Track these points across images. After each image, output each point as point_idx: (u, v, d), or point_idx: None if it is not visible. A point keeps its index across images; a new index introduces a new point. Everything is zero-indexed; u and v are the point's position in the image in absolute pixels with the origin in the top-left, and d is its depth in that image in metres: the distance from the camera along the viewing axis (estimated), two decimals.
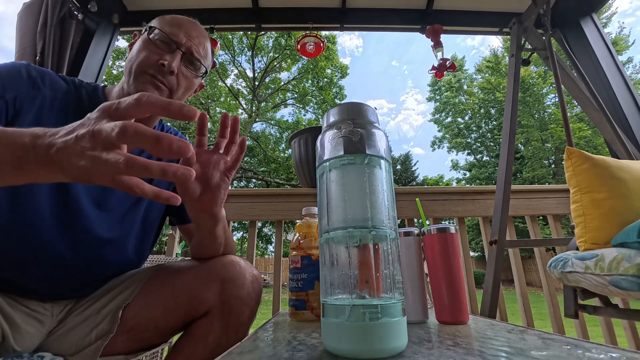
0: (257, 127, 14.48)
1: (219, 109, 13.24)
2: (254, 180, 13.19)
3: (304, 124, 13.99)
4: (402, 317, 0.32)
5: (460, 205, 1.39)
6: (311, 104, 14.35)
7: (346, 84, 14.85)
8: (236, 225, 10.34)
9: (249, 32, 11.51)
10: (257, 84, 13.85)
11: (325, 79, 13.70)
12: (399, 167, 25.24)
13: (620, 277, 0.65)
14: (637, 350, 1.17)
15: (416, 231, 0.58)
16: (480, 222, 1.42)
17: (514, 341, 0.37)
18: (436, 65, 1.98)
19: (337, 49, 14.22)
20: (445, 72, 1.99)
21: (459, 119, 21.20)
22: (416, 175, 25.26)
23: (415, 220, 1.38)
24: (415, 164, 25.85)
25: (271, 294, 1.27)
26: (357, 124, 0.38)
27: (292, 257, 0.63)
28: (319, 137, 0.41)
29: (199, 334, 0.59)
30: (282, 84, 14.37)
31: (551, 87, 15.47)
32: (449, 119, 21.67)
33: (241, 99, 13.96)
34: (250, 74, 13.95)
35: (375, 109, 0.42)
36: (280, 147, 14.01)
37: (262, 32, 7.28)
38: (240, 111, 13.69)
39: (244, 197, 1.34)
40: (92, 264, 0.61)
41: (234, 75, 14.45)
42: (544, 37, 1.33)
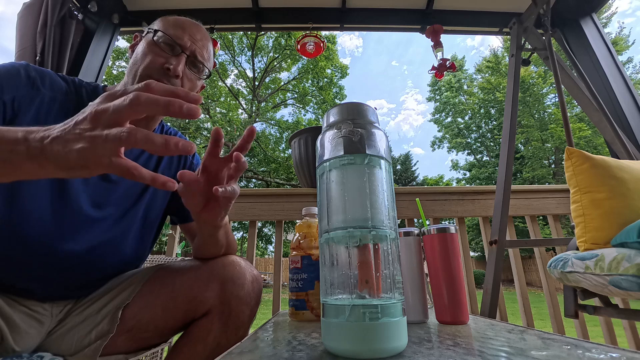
0: (257, 127, 14.46)
1: (219, 109, 13.24)
2: (254, 180, 13.19)
3: (304, 124, 13.97)
4: (402, 317, 0.32)
5: (460, 205, 1.39)
6: (311, 104, 14.33)
7: (346, 84, 14.85)
8: (236, 225, 10.36)
9: (249, 32, 11.51)
10: (257, 84, 13.84)
11: (325, 79, 13.69)
12: (399, 167, 25.24)
13: (620, 277, 0.65)
14: (637, 350, 1.17)
15: (416, 231, 0.58)
16: (480, 222, 1.42)
17: (514, 341, 0.37)
18: (436, 65, 1.98)
19: (337, 49, 14.22)
20: (445, 72, 1.99)
21: (459, 119, 21.19)
22: (416, 175, 25.26)
23: (415, 220, 1.38)
24: (415, 164, 25.89)
25: (271, 294, 1.27)
26: (357, 124, 0.38)
27: (292, 257, 0.63)
28: (319, 137, 0.41)
29: (199, 334, 0.59)
30: (282, 84, 14.36)
31: (551, 87, 15.47)
32: (449, 119, 21.66)
33: (241, 99, 13.95)
34: (250, 74, 13.95)
35: (375, 109, 0.42)
36: (280, 147, 14.00)
37: (262, 32, 7.28)
38: (240, 111, 13.69)
39: (244, 197, 1.34)
40: (91, 265, 0.61)
41: (234, 75, 14.46)
42: (544, 37, 1.33)
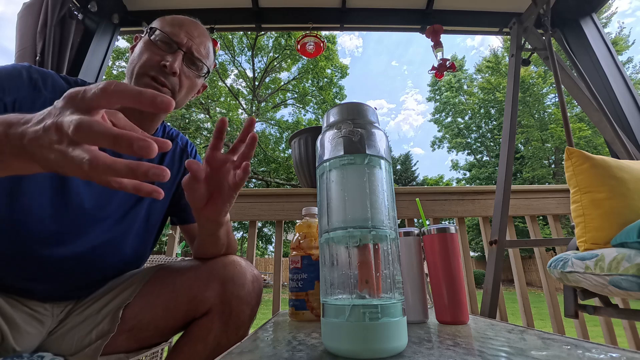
0: (257, 127, 14.45)
1: (219, 109, 13.24)
2: (254, 180, 13.19)
3: (304, 124, 13.97)
4: (402, 317, 0.32)
5: (460, 205, 1.39)
6: (311, 104, 14.32)
7: (346, 84, 14.85)
8: (236, 225, 10.35)
9: (249, 32, 11.51)
10: (257, 84, 13.83)
11: (325, 79, 13.68)
12: (399, 167, 25.24)
13: (620, 277, 0.65)
14: (637, 350, 1.17)
15: (416, 231, 0.58)
16: (480, 222, 1.42)
17: (514, 341, 0.37)
18: (436, 65, 1.98)
19: (337, 49, 14.21)
20: (445, 72, 1.99)
21: (459, 119, 21.18)
22: (416, 175, 25.25)
23: (415, 220, 1.38)
24: (415, 164, 25.87)
25: (271, 294, 1.27)
26: (357, 124, 0.38)
27: (292, 257, 0.63)
28: (319, 137, 0.41)
29: (199, 334, 0.59)
30: (282, 84, 14.34)
31: (551, 87, 15.46)
32: (449, 119, 21.65)
33: (241, 99, 13.94)
34: (250, 74, 13.94)
35: (375, 109, 0.42)
36: (280, 147, 14.00)
37: (262, 32, 7.28)
38: (240, 111, 13.68)
39: (244, 197, 1.34)
40: (92, 265, 0.61)
41: (234, 75, 14.45)
42: (544, 37, 1.33)
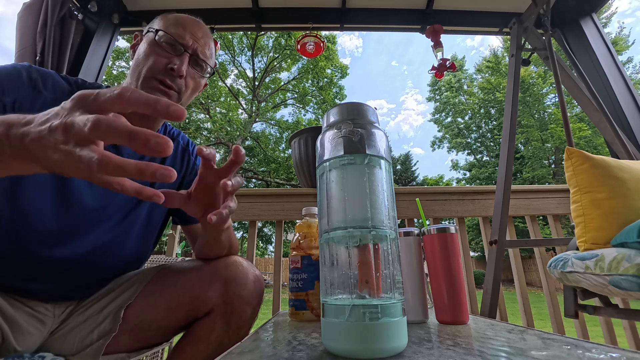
0: (257, 127, 14.48)
1: (219, 109, 13.23)
2: (254, 180, 13.19)
3: (304, 124, 13.96)
4: (402, 317, 0.32)
5: (460, 205, 1.39)
6: (311, 104, 14.32)
7: (346, 84, 14.85)
8: (236, 225, 10.34)
9: (249, 32, 11.51)
10: (257, 84, 13.83)
11: (325, 79, 13.67)
12: (399, 167, 25.23)
13: (620, 277, 0.65)
14: (637, 350, 1.17)
15: (416, 231, 0.58)
16: (480, 222, 1.42)
17: (514, 341, 0.37)
18: (436, 65, 1.98)
19: (337, 49, 14.20)
20: (445, 72, 1.99)
21: (459, 119, 21.17)
22: (416, 175, 25.25)
23: (415, 220, 1.38)
24: (415, 164, 25.87)
25: (271, 294, 1.27)
26: (357, 124, 0.38)
27: (292, 257, 0.63)
28: (319, 137, 0.41)
29: (201, 333, 0.59)
30: (282, 84, 14.34)
31: (551, 87, 15.46)
32: (449, 119, 21.64)
33: (241, 99, 13.94)
34: (250, 74, 13.93)
35: (375, 109, 0.42)
36: (280, 147, 13.99)
37: (262, 32, 7.28)
38: (240, 111, 13.69)
39: (244, 197, 1.34)
40: (93, 265, 0.61)
41: (234, 75, 14.44)
42: (544, 37, 1.33)
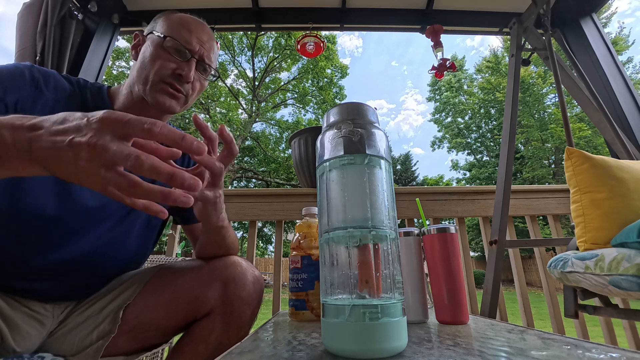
0: (257, 127, 14.49)
1: (219, 109, 13.24)
2: (254, 180, 13.19)
3: (304, 124, 13.96)
4: (402, 317, 0.32)
5: (460, 205, 1.39)
6: (311, 104, 14.32)
7: (346, 84, 14.85)
8: (236, 225, 10.34)
9: (249, 32, 11.51)
10: (257, 84, 13.83)
11: (325, 79, 13.67)
12: (399, 167, 25.24)
13: (620, 277, 0.65)
14: (637, 350, 1.17)
15: (416, 231, 0.58)
16: (480, 222, 1.42)
17: (514, 341, 0.37)
18: (436, 65, 1.98)
19: (337, 49, 14.19)
20: (445, 72, 1.99)
21: (459, 119, 21.17)
22: (416, 175, 25.26)
23: (415, 220, 1.38)
24: (415, 164, 25.88)
25: (271, 294, 1.27)
26: (357, 124, 0.38)
27: (292, 257, 0.63)
28: (319, 137, 0.41)
29: (200, 334, 0.59)
30: (282, 84, 14.34)
31: (551, 87, 15.45)
32: (449, 119, 21.64)
33: (241, 99, 13.94)
34: (250, 74, 13.93)
35: (375, 109, 0.42)
36: (280, 147, 14.00)
37: (262, 32, 7.29)
38: (240, 111, 13.69)
39: (244, 197, 1.34)
40: (93, 265, 0.61)
41: (234, 75, 14.44)
42: (544, 37, 1.33)
